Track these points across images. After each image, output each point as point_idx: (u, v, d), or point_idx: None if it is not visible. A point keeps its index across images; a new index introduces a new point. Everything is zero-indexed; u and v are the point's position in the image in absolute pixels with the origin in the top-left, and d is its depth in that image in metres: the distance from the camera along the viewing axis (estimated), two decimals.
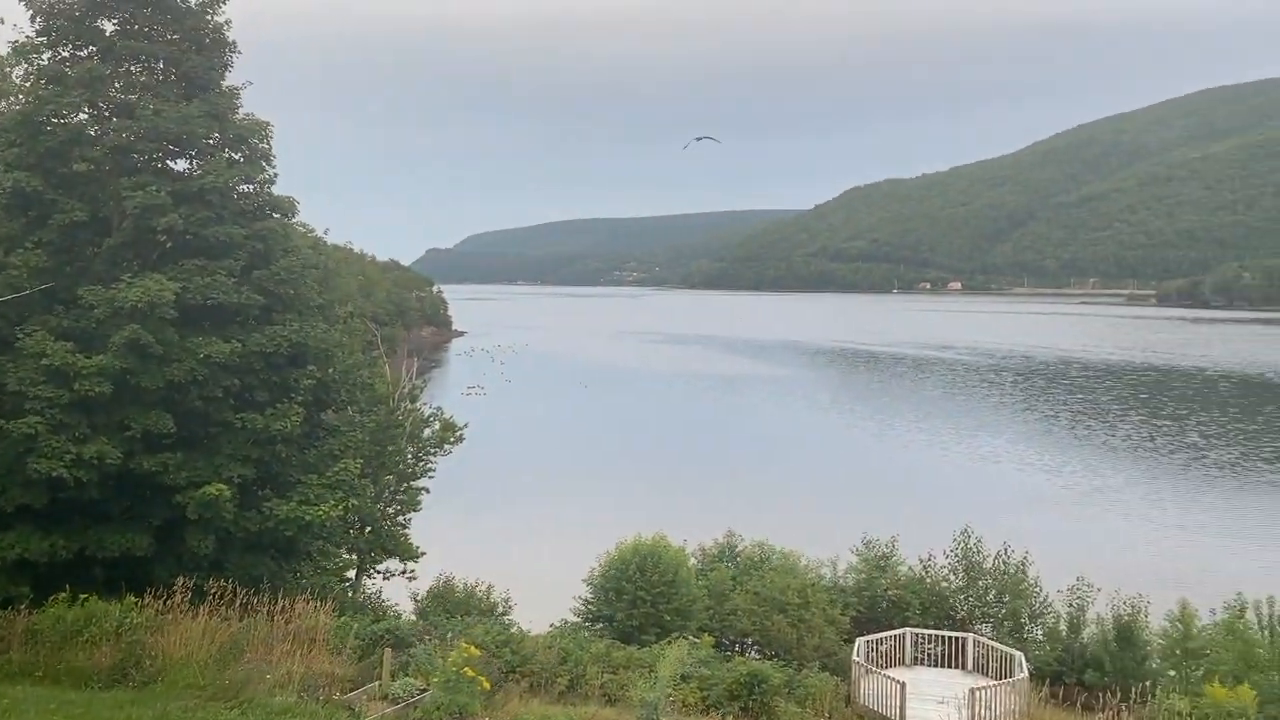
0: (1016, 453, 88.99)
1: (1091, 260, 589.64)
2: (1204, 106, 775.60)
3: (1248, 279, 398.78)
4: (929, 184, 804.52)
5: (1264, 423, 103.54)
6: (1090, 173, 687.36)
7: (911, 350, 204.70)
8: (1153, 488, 73.32)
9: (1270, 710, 18.02)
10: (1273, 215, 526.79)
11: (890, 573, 28.48)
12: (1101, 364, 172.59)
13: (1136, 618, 24.17)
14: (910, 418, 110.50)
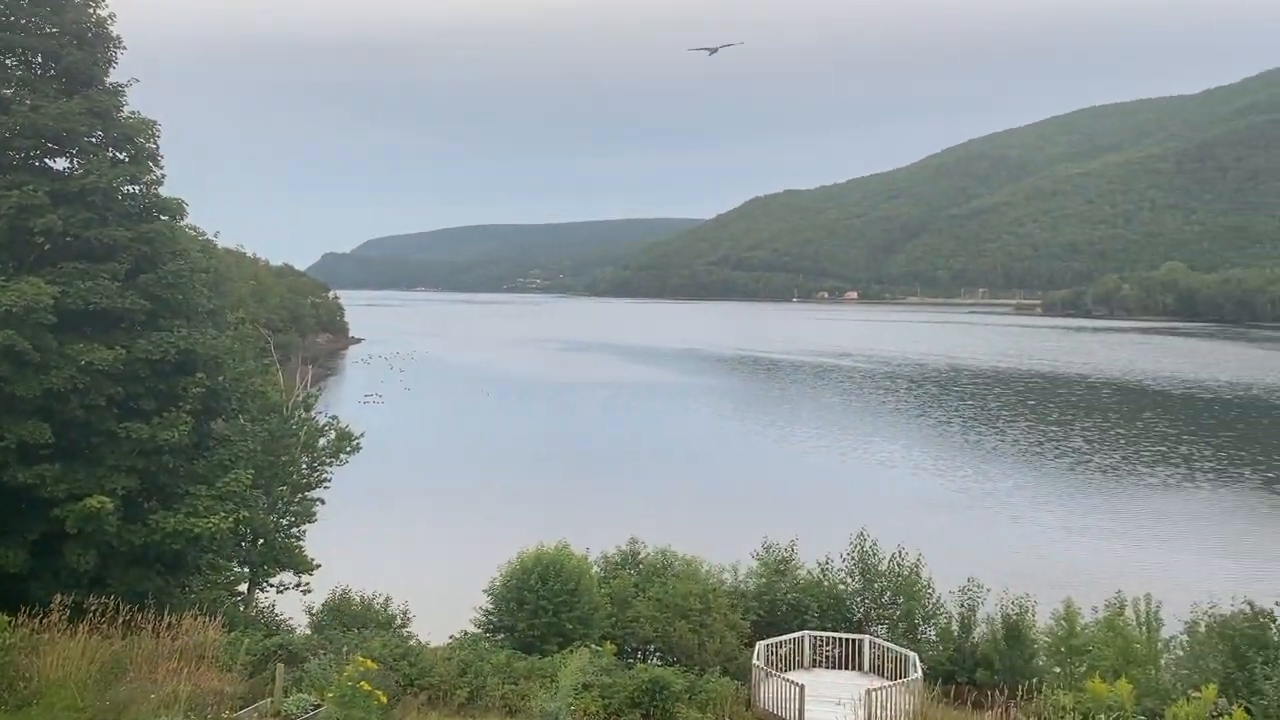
0: (911, 458, 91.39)
1: (981, 271, 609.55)
2: (1086, 124, 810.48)
3: (1126, 290, 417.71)
4: (827, 195, 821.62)
5: (1142, 428, 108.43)
6: (980, 186, 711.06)
7: (811, 358, 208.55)
8: (1040, 491, 76.09)
9: (1147, 702, 18.83)
10: (1150, 229, 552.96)
11: (790, 576, 28.89)
12: (991, 371, 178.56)
13: (1024, 617, 24.98)
14: (810, 424, 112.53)
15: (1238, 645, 20.26)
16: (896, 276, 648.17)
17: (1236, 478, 79.93)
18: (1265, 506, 70.23)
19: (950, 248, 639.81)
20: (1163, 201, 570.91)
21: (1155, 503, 71.75)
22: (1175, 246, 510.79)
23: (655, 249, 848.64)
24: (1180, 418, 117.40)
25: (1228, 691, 18.52)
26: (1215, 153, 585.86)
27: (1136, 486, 77.95)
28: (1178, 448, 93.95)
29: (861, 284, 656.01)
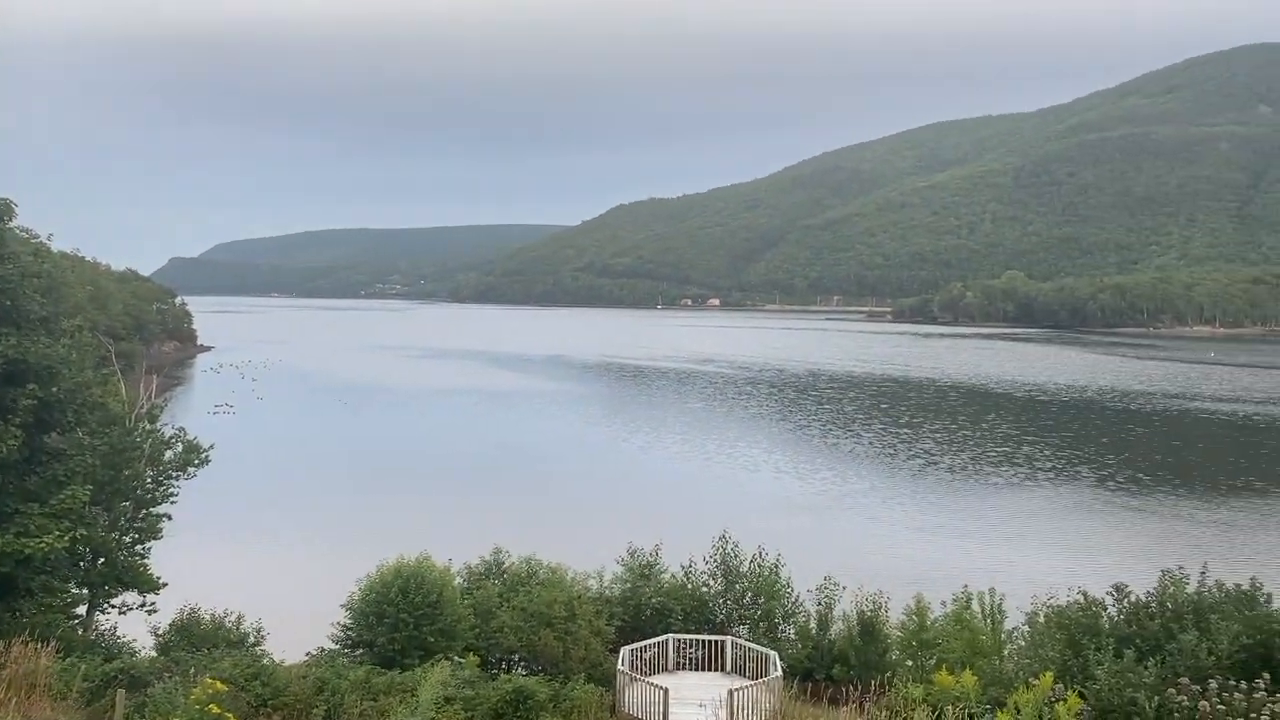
0: (772, 461, 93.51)
1: (836, 279, 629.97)
2: (933, 139, 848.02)
3: (970, 297, 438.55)
4: (690, 204, 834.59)
5: (987, 429, 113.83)
6: (834, 198, 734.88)
7: (675, 364, 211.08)
8: (893, 491, 78.94)
9: (992, 691, 19.71)
10: (991, 240, 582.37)
11: (654, 581, 29.07)
12: (846, 376, 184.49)
13: (878, 613, 25.80)
14: (674, 429, 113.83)
15: (1073, 634, 21.39)
16: (757, 284, 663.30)
17: (1073, 475, 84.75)
18: (1099, 502, 74.67)
19: (807, 257, 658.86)
20: (1002, 214, 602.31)
21: (1000, 500, 75.38)
22: (1014, 256, 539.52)
23: (520, 255, 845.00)
24: (1022, 419, 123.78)
25: (1064, 678, 19.52)
26: (1049, 168, 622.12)
27: (983, 485, 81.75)
28: (1020, 448, 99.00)
29: (723, 291, 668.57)
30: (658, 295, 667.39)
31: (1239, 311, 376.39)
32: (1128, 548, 59.37)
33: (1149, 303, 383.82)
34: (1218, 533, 63.92)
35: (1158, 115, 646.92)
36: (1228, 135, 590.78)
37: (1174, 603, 21.60)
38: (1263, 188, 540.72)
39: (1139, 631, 20.94)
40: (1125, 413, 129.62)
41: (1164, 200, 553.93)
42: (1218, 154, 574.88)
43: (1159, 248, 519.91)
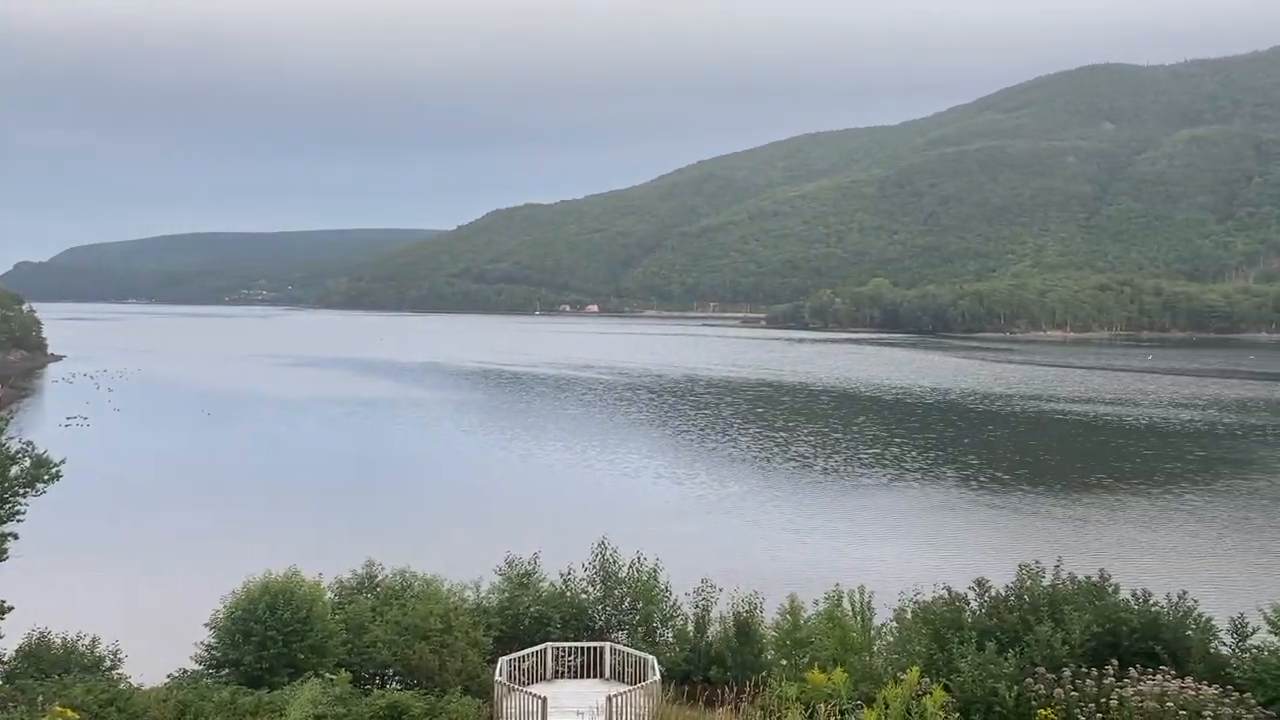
0: (652, 466, 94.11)
1: (711, 286, 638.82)
2: (802, 150, 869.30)
3: (838, 304, 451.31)
4: (567, 210, 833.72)
5: (857, 432, 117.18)
6: (709, 206, 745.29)
7: (554, 370, 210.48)
8: (769, 494, 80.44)
9: (863, 687, 20.27)
10: (858, 248, 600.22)
11: (532, 589, 28.90)
12: (723, 381, 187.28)
13: (754, 614, 26.23)
14: (553, 436, 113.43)
15: (938, 628, 22.21)
16: (634, 290, 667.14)
17: (938, 475, 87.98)
18: (963, 501, 77.72)
19: (683, 263, 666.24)
20: (869, 223, 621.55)
21: (871, 501, 77.67)
22: (880, 264, 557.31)
23: (392, 260, 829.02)
24: (890, 421, 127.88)
25: (930, 671, 20.22)
26: (912, 179, 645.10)
27: (854, 486, 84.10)
28: (889, 449, 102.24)
29: (601, 297, 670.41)
30: (535, 301, 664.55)
31: (1087, 316, 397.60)
32: (989, 544, 61.96)
33: (1006, 308, 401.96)
34: (1071, 528, 67.32)
35: (1011, 130, 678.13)
36: (1075, 150, 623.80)
37: (1031, 596, 22.66)
38: (1107, 200, 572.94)
39: (999, 624, 21.88)
40: (986, 414, 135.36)
41: (1019, 211, 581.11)
42: (1067, 167, 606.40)
43: (1015, 256, 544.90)
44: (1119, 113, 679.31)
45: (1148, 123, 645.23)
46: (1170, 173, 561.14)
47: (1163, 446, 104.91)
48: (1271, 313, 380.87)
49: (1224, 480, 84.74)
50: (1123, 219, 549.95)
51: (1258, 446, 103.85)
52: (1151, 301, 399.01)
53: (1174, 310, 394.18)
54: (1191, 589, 23.78)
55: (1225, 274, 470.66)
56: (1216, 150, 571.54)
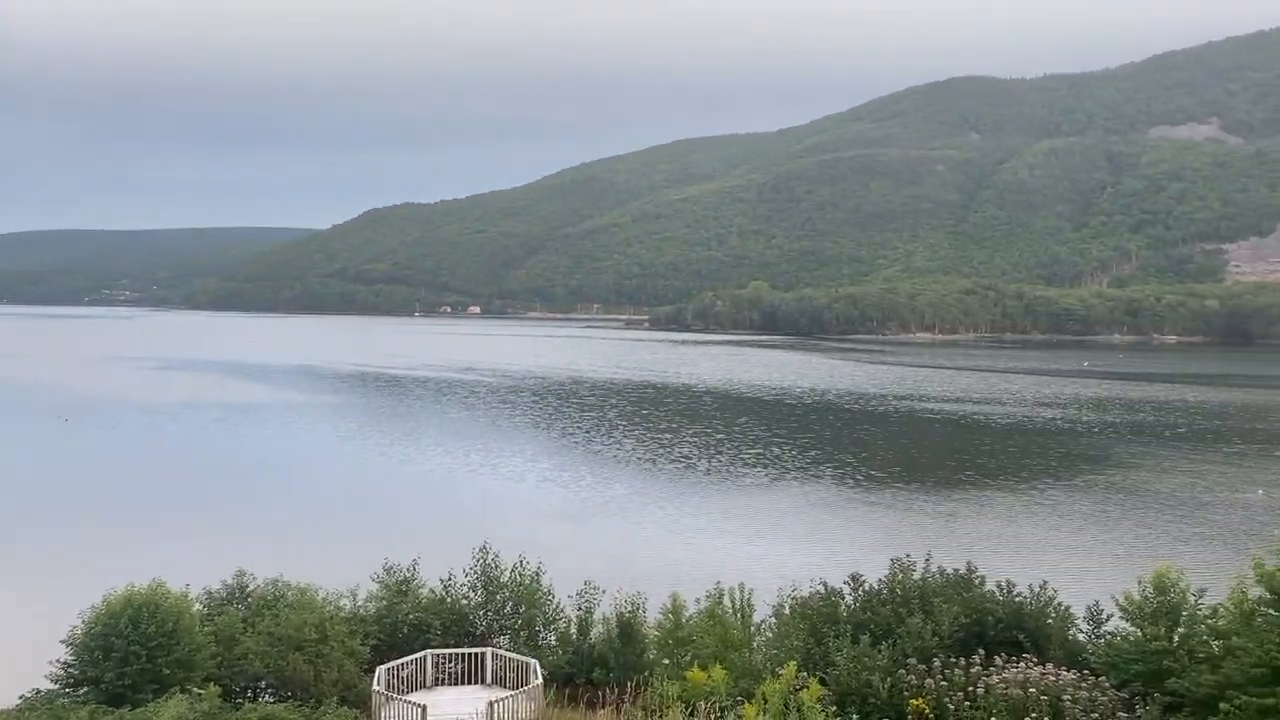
0: (536, 469, 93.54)
1: (595, 287, 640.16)
2: (683, 155, 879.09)
3: (719, 306, 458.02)
4: (448, 210, 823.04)
5: (740, 432, 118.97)
6: (592, 208, 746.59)
7: (435, 373, 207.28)
8: (654, 495, 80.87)
9: (743, 683, 20.57)
10: (738, 252, 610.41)
11: (411, 596, 28.37)
12: (607, 383, 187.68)
13: (636, 614, 26.32)
14: (434, 440, 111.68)
15: (815, 623, 22.72)
16: (517, 291, 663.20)
17: (817, 474, 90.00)
18: (840, 499, 79.69)
19: (567, 265, 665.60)
20: (749, 227, 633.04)
21: (752, 500, 78.89)
22: (759, 268, 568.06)
23: (264, 259, 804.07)
24: (771, 422, 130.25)
25: (808, 665, 20.66)
26: (789, 185, 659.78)
27: (737, 486, 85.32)
28: (770, 449, 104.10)
29: (484, 298, 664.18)
30: (415, 302, 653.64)
31: (954, 319, 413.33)
32: (865, 540, 63.70)
33: (878, 311, 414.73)
34: (941, 523, 69.78)
35: (883, 139, 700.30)
36: (944, 159, 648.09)
37: (903, 589, 23.38)
38: (973, 207, 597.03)
39: (873, 618, 22.51)
40: (862, 414, 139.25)
41: (890, 217, 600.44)
42: (935, 176, 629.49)
43: (886, 261, 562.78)
44: (984, 123, 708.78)
45: (1010, 134, 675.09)
46: (1031, 182, 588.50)
47: (1026, 444, 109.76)
48: (1123, 315, 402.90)
49: (1083, 476, 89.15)
50: (987, 226, 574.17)
51: (1114, 443, 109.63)
52: (1014, 305, 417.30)
53: (1034, 313, 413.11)
54: (1053, 580, 24.95)
55: (1081, 279, 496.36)
56: (1072, 161, 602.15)
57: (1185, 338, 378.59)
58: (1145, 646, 19.61)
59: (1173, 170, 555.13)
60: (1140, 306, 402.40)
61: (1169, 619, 19.86)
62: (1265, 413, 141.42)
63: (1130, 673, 19.49)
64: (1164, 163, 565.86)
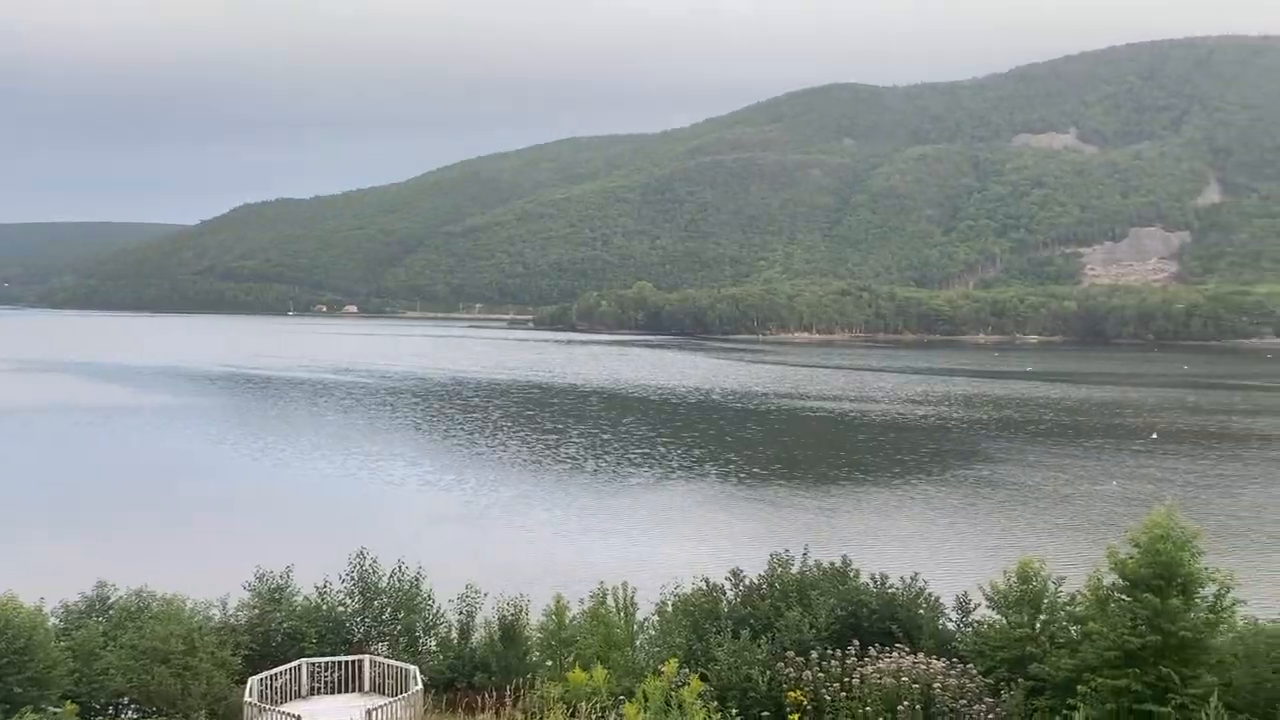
0: (417, 473, 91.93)
1: (477, 287, 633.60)
2: (567, 154, 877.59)
3: (604, 306, 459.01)
4: (323, 206, 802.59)
5: (626, 432, 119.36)
6: (474, 206, 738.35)
7: (310, 374, 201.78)
8: (540, 496, 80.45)
9: (625, 682, 20.62)
10: (623, 252, 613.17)
11: (285, 604, 27.49)
12: (491, 384, 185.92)
13: (519, 617, 26.12)
14: (310, 444, 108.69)
15: (697, 619, 22.96)
16: (397, 290, 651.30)
17: (701, 472, 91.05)
18: (723, 496, 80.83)
19: (448, 264, 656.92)
20: (633, 228, 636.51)
21: (638, 499, 79.25)
22: (644, 268, 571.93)
23: (127, 256, 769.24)
24: (657, 421, 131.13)
25: (689, 662, 20.85)
26: (672, 187, 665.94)
27: (623, 486, 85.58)
28: (656, 448, 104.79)
29: (361, 297, 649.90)
30: (289, 301, 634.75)
31: (831, 319, 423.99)
32: (746, 536, 64.68)
33: (759, 311, 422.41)
34: (820, 517, 71.47)
35: (762, 143, 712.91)
36: (819, 164, 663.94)
37: (781, 583, 23.83)
38: (847, 210, 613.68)
39: (753, 612, 22.86)
40: (745, 412, 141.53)
41: (769, 219, 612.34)
42: (812, 180, 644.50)
43: (766, 262, 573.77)
44: (858, 129, 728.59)
45: (883, 140, 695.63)
46: (902, 187, 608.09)
47: (900, 440, 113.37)
48: (989, 316, 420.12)
49: (953, 470, 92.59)
50: (861, 229, 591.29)
51: (981, 439, 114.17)
52: (887, 306, 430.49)
53: (906, 314, 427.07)
54: (924, 571, 25.78)
55: (949, 281, 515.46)
56: (941, 167, 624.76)
57: (1046, 337, 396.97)
58: (1010, 634, 20.43)
59: (1034, 177, 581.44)
60: (1005, 308, 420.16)
61: (1031, 607, 20.74)
62: (1120, 408, 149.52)
63: (996, 659, 20.28)
64: (1026, 170, 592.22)
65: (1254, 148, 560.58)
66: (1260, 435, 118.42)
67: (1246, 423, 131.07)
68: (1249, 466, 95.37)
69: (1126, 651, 17.63)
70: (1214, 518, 68.62)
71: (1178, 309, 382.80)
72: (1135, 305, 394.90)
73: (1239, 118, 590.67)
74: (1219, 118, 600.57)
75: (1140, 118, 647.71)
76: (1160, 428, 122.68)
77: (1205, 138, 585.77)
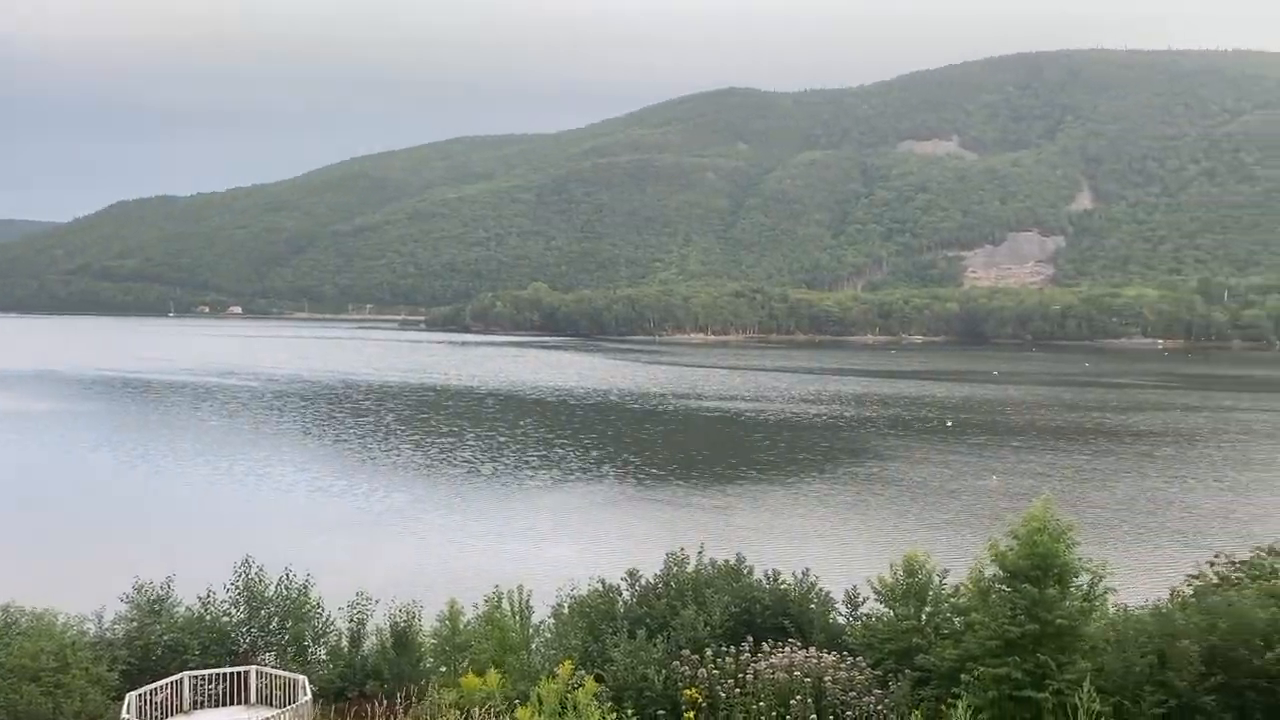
0: (307, 479, 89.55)
1: (367, 287, 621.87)
2: (461, 153, 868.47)
3: (499, 307, 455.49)
4: (206, 203, 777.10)
5: (523, 434, 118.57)
6: (364, 204, 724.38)
7: (192, 377, 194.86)
8: (435, 501, 79.29)
9: (521, 685, 20.47)
10: (518, 253, 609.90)
11: (166, 616, 26.47)
12: (383, 386, 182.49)
13: (412, 623, 25.70)
14: (193, 450, 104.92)
15: (593, 620, 22.95)
16: (284, 291, 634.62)
17: (600, 474, 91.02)
18: (622, 497, 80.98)
19: (337, 264, 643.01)
20: (528, 228, 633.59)
21: (536, 502, 78.78)
22: (539, 269, 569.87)
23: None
24: (554, 423, 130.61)
25: (585, 663, 20.82)
26: (568, 187, 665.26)
27: (521, 489, 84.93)
28: (554, 450, 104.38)
29: (246, 298, 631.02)
30: (170, 302, 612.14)
31: (725, 320, 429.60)
32: (643, 536, 64.92)
33: (655, 312, 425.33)
34: (716, 516, 72.26)
35: (658, 144, 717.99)
36: (715, 166, 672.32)
37: (677, 582, 23.98)
38: (741, 214, 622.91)
39: (649, 611, 22.96)
40: (642, 413, 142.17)
41: (665, 221, 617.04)
42: (707, 182, 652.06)
43: (662, 264, 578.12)
44: (752, 133, 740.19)
45: (775, 144, 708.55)
46: (793, 191, 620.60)
47: (794, 439, 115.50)
48: (876, 318, 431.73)
49: (845, 468, 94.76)
50: (754, 231, 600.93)
51: (871, 436, 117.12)
52: (779, 307, 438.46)
53: (798, 315, 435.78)
54: (816, 567, 26.26)
55: (839, 283, 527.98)
56: (830, 172, 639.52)
57: (930, 337, 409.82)
58: (897, 626, 20.98)
59: (919, 183, 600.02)
60: (891, 309, 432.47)
61: (917, 599, 21.34)
62: (1000, 406, 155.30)
63: (884, 651, 20.79)
64: (911, 175, 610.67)
65: (1123, 157, 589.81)
66: (1131, 431, 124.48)
67: (1121, 419, 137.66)
68: (1122, 461, 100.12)
69: (1007, 640, 18.27)
70: (1089, 510, 71.88)
71: (1054, 310, 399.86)
72: (1014, 307, 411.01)
73: (1109, 128, 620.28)
74: (1091, 127, 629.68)
75: (1018, 126, 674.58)
76: (1039, 424, 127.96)
77: (1078, 147, 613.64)
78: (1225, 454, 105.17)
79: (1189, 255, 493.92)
